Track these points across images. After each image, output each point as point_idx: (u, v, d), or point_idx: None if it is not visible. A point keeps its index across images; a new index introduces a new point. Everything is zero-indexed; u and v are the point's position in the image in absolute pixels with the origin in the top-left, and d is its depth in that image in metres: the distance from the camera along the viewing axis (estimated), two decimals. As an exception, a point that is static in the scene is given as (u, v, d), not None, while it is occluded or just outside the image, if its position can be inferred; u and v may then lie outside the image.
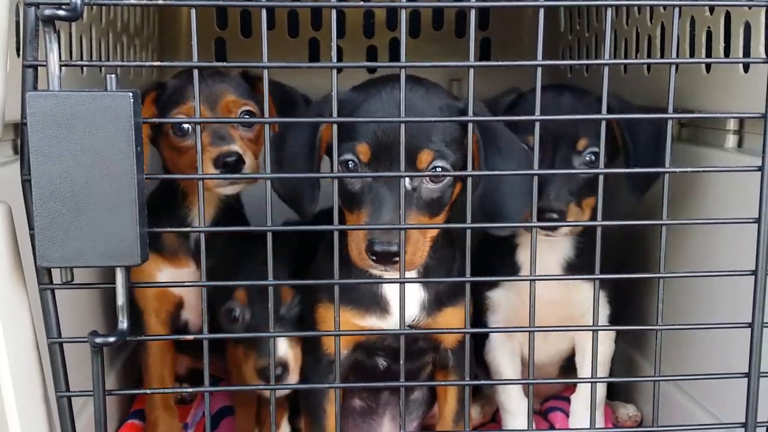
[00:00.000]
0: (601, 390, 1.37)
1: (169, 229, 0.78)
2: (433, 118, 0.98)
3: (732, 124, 1.21)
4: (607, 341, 1.36)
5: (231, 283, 1.14)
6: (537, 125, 0.83)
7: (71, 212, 0.74)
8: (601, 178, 0.88)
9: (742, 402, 0.87)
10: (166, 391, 1.25)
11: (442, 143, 0.98)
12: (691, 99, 1.25)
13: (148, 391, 0.93)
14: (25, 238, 0.82)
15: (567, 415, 1.46)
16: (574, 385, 1.46)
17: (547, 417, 1.48)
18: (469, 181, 0.88)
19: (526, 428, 0.91)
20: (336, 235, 0.85)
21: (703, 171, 1.19)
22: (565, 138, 1.18)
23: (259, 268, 0.96)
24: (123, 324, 0.78)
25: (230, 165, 1.15)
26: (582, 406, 1.32)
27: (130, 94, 0.74)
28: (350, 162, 0.98)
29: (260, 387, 1.07)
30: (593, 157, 1.19)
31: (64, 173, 0.74)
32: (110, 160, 0.74)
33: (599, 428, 1.22)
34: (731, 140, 1.21)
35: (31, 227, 0.77)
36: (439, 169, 0.98)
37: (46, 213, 0.74)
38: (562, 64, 1.90)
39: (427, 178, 0.98)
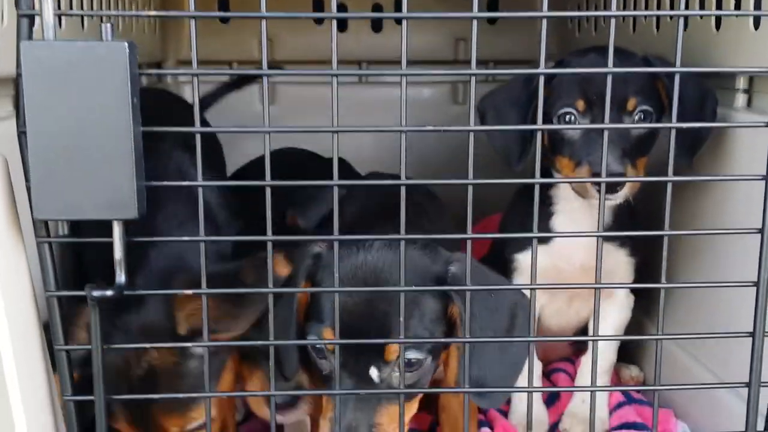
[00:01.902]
0: (611, 355, 1.35)
1: (166, 182, 0.76)
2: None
3: (741, 83, 1.19)
4: (625, 309, 1.35)
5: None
6: (541, 78, 0.82)
7: (67, 164, 0.73)
8: (605, 133, 0.86)
9: (745, 362, 0.86)
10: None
11: (419, 325, 0.90)
12: (701, 58, 1.23)
13: (148, 346, 0.92)
14: (23, 193, 0.81)
15: (569, 376, 1.47)
16: (580, 349, 1.45)
17: (551, 378, 1.49)
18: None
19: (527, 386, 0.91)
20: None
21: (712, 126, 1.18)
22: (614, 99, 1.08)
23: None
24: (121, 278, 0.78)
25: None
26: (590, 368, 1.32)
27: (126, 44, 0.72)
28: (318, 346, 0.91)
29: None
30: (643, 116, 1.16)
31: (59, 125, 0.72)
32: (106, 112, 0.73)
33: (600, 386, 1.22)
34: (740, 99, 1.19)
35: (27, 180, 0.76)
36: (413, 359, 0.90)
37: (42, 165, 0.73)
38: (569, 15, 1.87)
39: (398, 366, 0.89)
